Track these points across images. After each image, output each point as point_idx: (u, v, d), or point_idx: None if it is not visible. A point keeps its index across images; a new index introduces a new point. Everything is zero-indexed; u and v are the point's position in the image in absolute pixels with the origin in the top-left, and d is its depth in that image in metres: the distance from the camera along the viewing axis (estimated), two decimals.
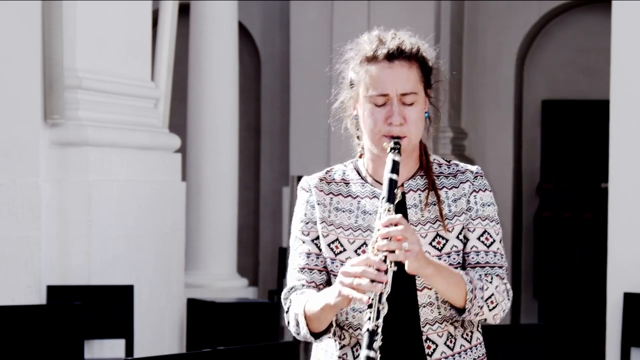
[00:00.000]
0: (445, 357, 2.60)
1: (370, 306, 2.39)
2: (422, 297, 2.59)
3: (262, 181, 11.33)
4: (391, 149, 2.55)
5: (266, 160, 11.28)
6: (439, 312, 2.60)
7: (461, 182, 2.65)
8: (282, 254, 10.18)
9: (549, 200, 10.48)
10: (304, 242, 2.69)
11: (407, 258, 2.42)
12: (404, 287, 2.57)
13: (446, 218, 2.61)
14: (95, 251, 5.98)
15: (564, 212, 10.38)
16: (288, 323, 2.64)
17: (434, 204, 2.62)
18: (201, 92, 8.97)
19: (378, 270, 2.40)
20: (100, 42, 6.21)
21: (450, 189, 2.65)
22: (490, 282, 2.57)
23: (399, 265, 2.46)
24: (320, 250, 2.66)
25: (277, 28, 11.10)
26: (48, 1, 5.82)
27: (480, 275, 2.58)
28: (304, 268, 2.67)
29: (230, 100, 8.99)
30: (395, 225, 2.43)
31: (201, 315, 6.66)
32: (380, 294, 2.39)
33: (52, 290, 5.84)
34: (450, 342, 2.61)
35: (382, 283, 2.39)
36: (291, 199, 7.03)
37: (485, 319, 2.60)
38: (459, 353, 2.62)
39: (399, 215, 2.46)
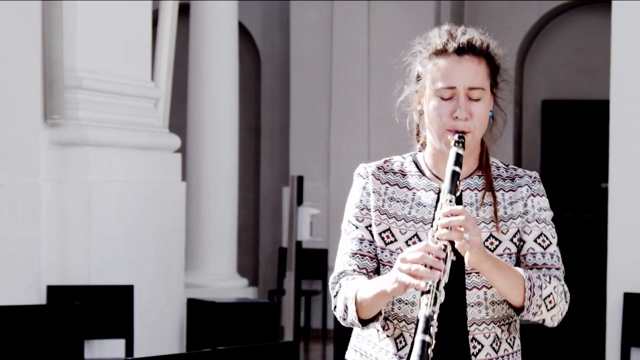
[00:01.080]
0: (490, 359, 2.59)
1: (427, 292, 2.36)
2: (471, 296, 2.58)
3: (262, 181, 11.34)
4: (455, 142, 2.54)
5: (266, 160, 11.28)
6: (487, 313, 2.59)
7: (519, 186, 2.64)
8: (282, 254, 10.18)
9: (549, 200, 10.47)
10: (357, 228, 2.65)
11: (468, 249, 2.41)
12: (453, 286, 2.55)
13: (501, 220, 2.60)
14: (95, 251, 5.98)
15: (564, 212, 10.38)
16: (335, 307, 2.62)
17: (490, 205, 2.61)
18: (201, 92, 8.97)
19: (437, 258, 2.38)
20: (100, 42, 6.21)
21: (507, 191, 2.64)
22: (549, 282, 2.56)
23: (456, 258, 2.44)
24: (373, 237, 2.63)
25: (277, 28, 11.11)
26: (48, 1, 5.82)
27: (538, 274, 2.56)
28: (356, 253, 2.63)
29: (230, 100, 8.99)
30: (457, 215, 2.41)
31: (201, 315, 6.66)
32: (438, 282, 2.36)
33: (52, 290, 5.84)
34: (496, 344, 2.60)
35: (440, 271, 2.37)
36: (291, 199, 7.03)
37: (544, 320, 2.58)
38: (502, 357, 2.61)
39: (461, 207, 2.44)
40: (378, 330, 2.64)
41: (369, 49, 10.17)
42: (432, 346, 2.32)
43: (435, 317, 2.33)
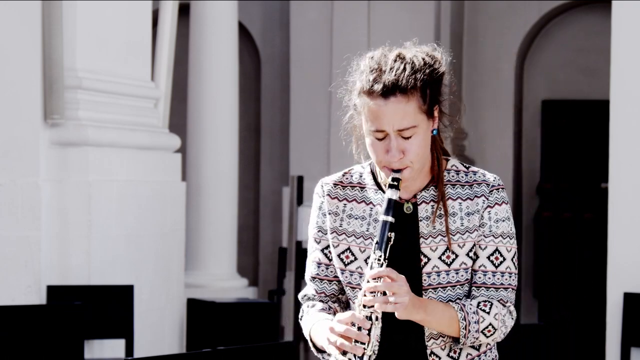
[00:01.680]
0: None
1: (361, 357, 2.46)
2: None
3: (262, 181, 11.33)
4: (389, 185, 2.54)
5: (266, 160, 11.28)
6: None
7: (476, 196, 2.61)
8: (282, 254, 10.17)
9: (549, 200, 10.48)
10: (315, 250, 2.71)
11: (395, 310, 2.46)
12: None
13: (457, 232, 2.59)
14: (95, 251, 5.98)
15: (564, 212, 10.38)
16: (303, 330, 2.74)
17: (442, 217, 2.60)
18: (201, 92, 8.97)
19: (361, 328, 2.45)
20: (100, 42, 6.21)
21: (465, 199, 2.62)
22: (488, 313, 2.57)
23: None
24: (330, 260, 2.68)
25: (277, 28, 11.10)
26: (48, 1, 5.82)
27: (479, 303, 2.58)
28: (314, 277, 2.71)
29: (230, 100, 8.98)
30: (387, 276, 2.46)
31: (201, 315, 6.66)
32: (362, 354, 2.45)
33: (52, 290, 5.84)
34: (455, 352, 2.62)
35: (365, 343, 2.45)
36: (291, 199, 7.03)
37: (482, 344, 2.64)
38: None
39: (388, 269, 2.47)
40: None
41: (369, 49, 10.15)
42: None
43: None
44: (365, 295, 2.47)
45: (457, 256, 2.59)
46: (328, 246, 2.67)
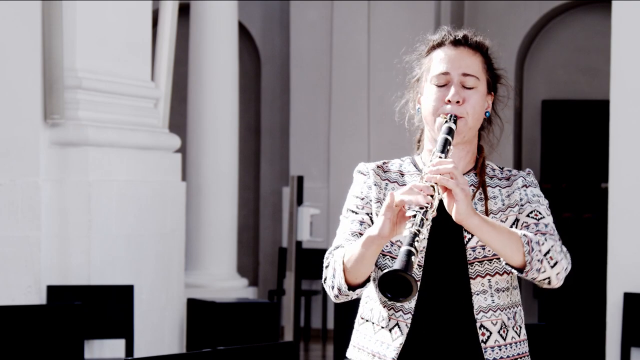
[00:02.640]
0: (499, 346, 2.61)
1: (414, 216, 2.37)
2: (475, 285, 2.60)
3: (262, 181, 11.34)
4: (447, 119, 2.59)
5: (266, 160, 11.28)
6: (492, 300, 2.61)
7: (514, 180, 2.68)
8: (282, 254, 10.18)
9: (549, 200, 10.46)
10: (357, 214, 2.67)
11: (457, 193, 2.40)
12: (457, 276, 2.59)
13: (500, 211, 2.63)
14: (95, 251, 5.98)
15: (564, 212, 10.38)
16: (325, 279, 2.62)
17: (482, 201, 2.64)
18: (201, 92, 8.97)
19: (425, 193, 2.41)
20: (100, 42, 6.21)
21: (504, 187, 2.68)
22: (546, 240, 2.54)
23: (454, 249, 2.50)
24: (371, 225, 2.63)
25: (277, 28, 11.11)
26: (48, 1, 5.82)
27: (534, 234, 2.57)
28: (356, 232, 2.64)
29: (230, 100, 8.99)
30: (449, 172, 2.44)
31: (201, 315, 6.66)
32: (426, 211, 2.37)
33: (52, 290, 5.84)
34: (504, 331, 2.62)
35: (429, 195, 2.39)
36: (291, 199, 7.03)
37: (549, 278, 2.54)
38: (510, 344, 2.63)
39: (451, 160, 2.47)
40: (373, 324, 2.66)
41: (369, 49, 10.17)
42: (417, 260, 2.36)
43: (421, 237, 2.34)
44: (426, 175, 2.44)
45: None
46: (372, 213, 2.66)
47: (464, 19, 10.63)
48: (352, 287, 2.54)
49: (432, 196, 2.40)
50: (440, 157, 2.49)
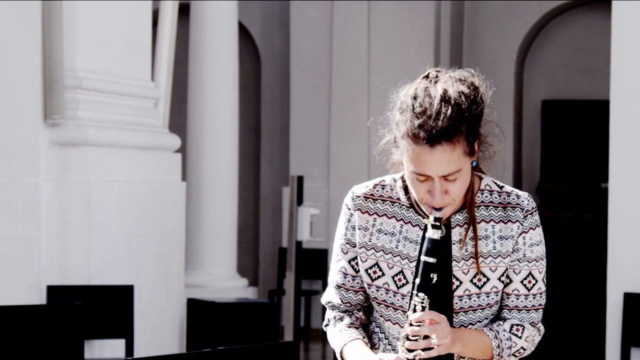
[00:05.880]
0: None
1: None
2: (457, 320, 2.63)
3: (262, 181, 11.34)
4: (432, 225, 2.51)
5: (266, 160, 11.29)
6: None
7: (510, 220, 2.60)
8: (282, 254, 10.18)
9: (549, 200, 10.49)
10: (341, 259, 2.69)
11: (439, 352, 2.51)
12: (442, 309, 2.60)
13: (489, 255, 2.59)
14: (95, 251, 5.98)
15: (564, 212, 10.38)
16: (326, 326, 2.75)
17: (473, 241, 2.59)
18: (201, 92, 8.97)
19: None
20: (100, 42, 6.21)
21: (498, 222, 2.60)
22: (520, 337, 2.64)
23: (439, 281, 2.53)
24: (356, 272, 2.67)
25: (277, 28, 11.11)
26: (48, 1, 5.82)
27: (512, 327, 2.63)
28: (340, 286, 2.71)
29: (230, 100, 8.99)
30: (429, 320, 2.49)
31: (201, 315, 6.66)
32: None
33: (52, 290, 5.84)
34: None
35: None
36: (291, 199, 7.03)
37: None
38: None
39: (431, 312, 2.49)
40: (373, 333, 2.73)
41: (369, 49, 10.17)
42: None
43: None
44: (408, 340, 2.49)
45: (488, 279, 2.60)
46: (355, 258, 2.66)
47: (464, 19, 10.63)
48: None
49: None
50: (422, 302, 2.50)
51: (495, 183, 2.65)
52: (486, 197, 2.62)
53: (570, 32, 10.70)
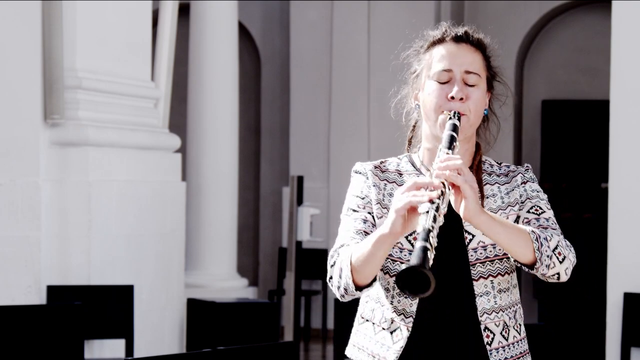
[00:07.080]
0: (502, 347, 2.61)
1: (426, 212, 2.31)
2: (478, 286, 2.59)
3: (262, 181, 11.34)
4: (451, 116, 2.57)
5: (266, 160, 11.28)
6: (495, 302, 2.61)
7: (513, 177, 2.69)
8: (282, 254, 10.19)
9: (549, 200, 10.47)
10: (359, 212, 2.64)
11: (465, 189, 2.38)
12: (460, 278, 2.58)
13: (500, 209, 2.62)
14: (95, 251, 5.98)
15: (564, 212, 10.38)
16: (330, 278, 2.58)
17: (480, 200, 2.57)
18: (201, 92, 8.97)
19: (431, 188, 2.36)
20: (100, 42, 6.21)
21: (503, 184, 2.68)
22: (552, 236, 2.55)
23: (457, 250, 2.48)
24: (374, 224, 2.62)
25: (277, 28, 11.11)
26: (48, 1, 5.82)
27: (540, 230, 2.56)
28: (360, 230, 2.61)
29: (230, 100, 8.99)
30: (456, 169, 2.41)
31: (201, 315, 6.66)
32: (437, 206, 2.31)
33: (52, 290, 5.84)
34: (505, 332, 2.63)
35: (438, 190, 2.34)
36: (291, 199, 7.03)
37: (558, 274, 2.54)
38: (512, 344, 2.64)
39: (459, 156, 2.45)
40: (374, 324, 2.65)
41: (369, 49, 10.17)
42: (432, 255, 2.25)
43: (434, 233, 2.27)
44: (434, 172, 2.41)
45: None
46: (372, 212, 2.64)
47: (464, 19, 10.62)
48: (359, 288, 2.51)
49: (442, 191, 2.36)
50: (447, 154, 2.46)
51: (495, 161, 2.76)
52: (488, 168, 2.71)
53: (570, 32, 10.69)
